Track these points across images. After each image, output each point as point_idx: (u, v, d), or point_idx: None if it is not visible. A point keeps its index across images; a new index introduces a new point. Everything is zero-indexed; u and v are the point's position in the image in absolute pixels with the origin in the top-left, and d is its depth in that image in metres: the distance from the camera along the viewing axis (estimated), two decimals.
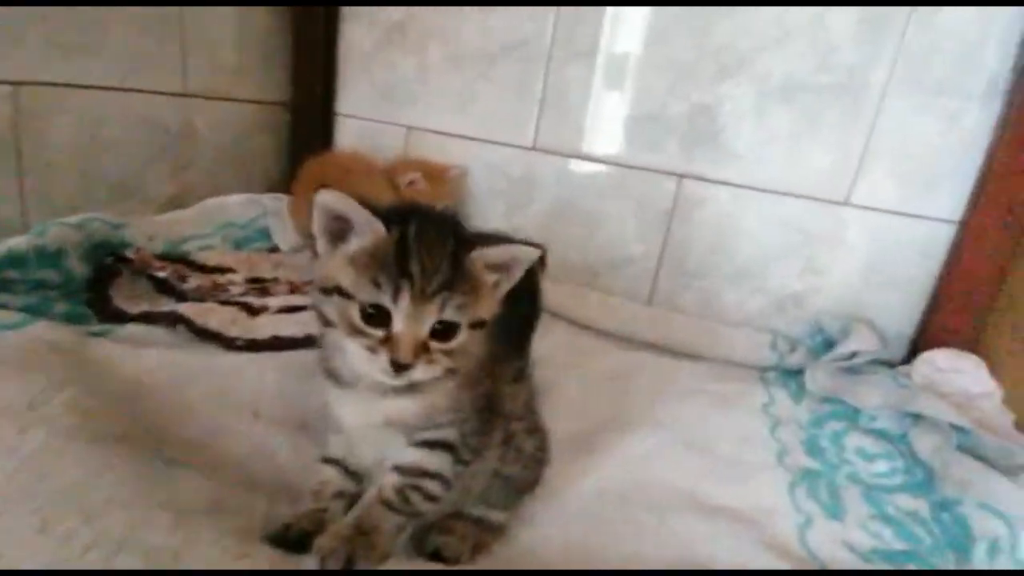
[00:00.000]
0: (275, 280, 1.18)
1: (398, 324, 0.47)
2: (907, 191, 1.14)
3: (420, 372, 0.47)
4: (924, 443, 0.88)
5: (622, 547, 0.65)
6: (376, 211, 0.48)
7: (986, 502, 0.75)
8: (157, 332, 0.93)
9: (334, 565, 0.47)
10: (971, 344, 1.08)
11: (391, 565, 0.51)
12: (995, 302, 1.06)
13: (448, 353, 0.48)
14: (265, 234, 1.34)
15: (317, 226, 0.49)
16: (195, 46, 1.24)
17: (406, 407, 0.51)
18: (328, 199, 0.48)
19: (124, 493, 0.49)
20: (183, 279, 1.04)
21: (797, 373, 1.14)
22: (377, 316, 0.47)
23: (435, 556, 0.56)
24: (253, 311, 1.03)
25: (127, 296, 1.00)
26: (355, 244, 0.48)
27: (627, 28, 1.26)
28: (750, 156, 1.22)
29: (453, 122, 1.40)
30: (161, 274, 1.02)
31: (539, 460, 0.64)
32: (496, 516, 0.61)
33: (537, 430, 0.63)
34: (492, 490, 0.60)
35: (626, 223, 1.34)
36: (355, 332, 0.47)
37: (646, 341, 1.22)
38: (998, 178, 1.05)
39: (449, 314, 0.47)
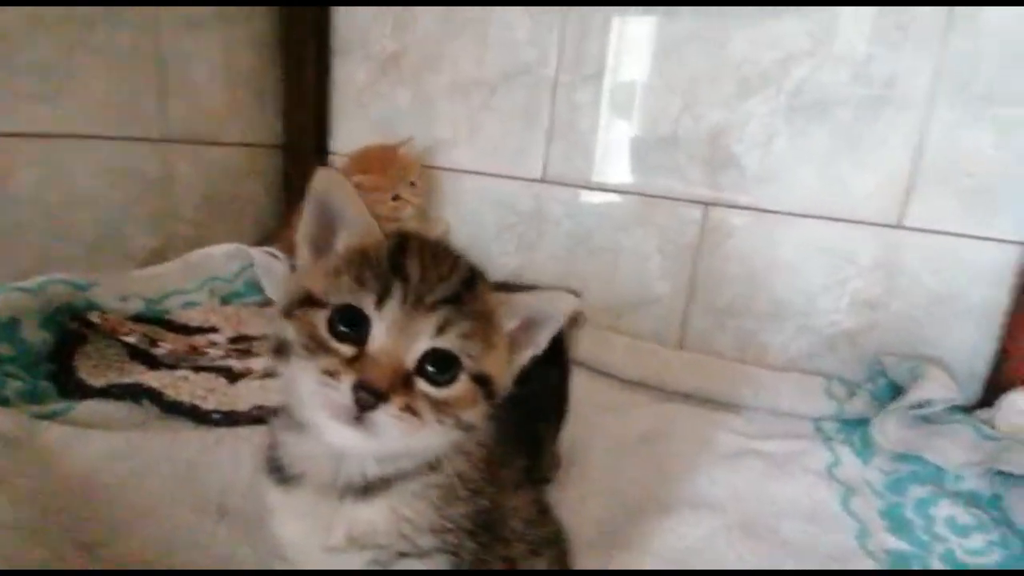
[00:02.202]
0: (264, 337, 1.06)
1: (378, 338, 0.34)
2: (966, 210, 1.00)
3: (393, 419, 0.33)
4: (1020, 511, 0.72)
5: None
6: None
7: None
8: (121, 409, 0.81)
9: None
10: None
11: None
12: None
13: (438, 407, 0.35)
14: (255, 287, 1.23)
15: (303, 229, 0.38)
16: (176, 88, 1.15)
17: (371, 519, 0.37)
18: (324, 181, 0.37)
19: None
20: (155, 343, 0.92)
21: (858, 424, 0.99)
22: (350, 329, 0.34)
23: None
24: (233, 376, 0.91)
25: (93, 366, 0.88)
26: (342, 244, 0.38)
27: (635, 45, 1.16)
28: (782, 179, 1.10)
29: (455, 156, 1.29)
30: (130, 339, 0.91)
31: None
32: None
33: (546, 545, 0.48)
34: None
35: (648, 258, 1.22)
36: (314, 350, 0.34)
37: (679, 391, 1.08)
38: None
39: (450, 341, 0.35)
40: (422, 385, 0.35)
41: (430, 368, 0.35)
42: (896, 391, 0.99)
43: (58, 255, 1.01)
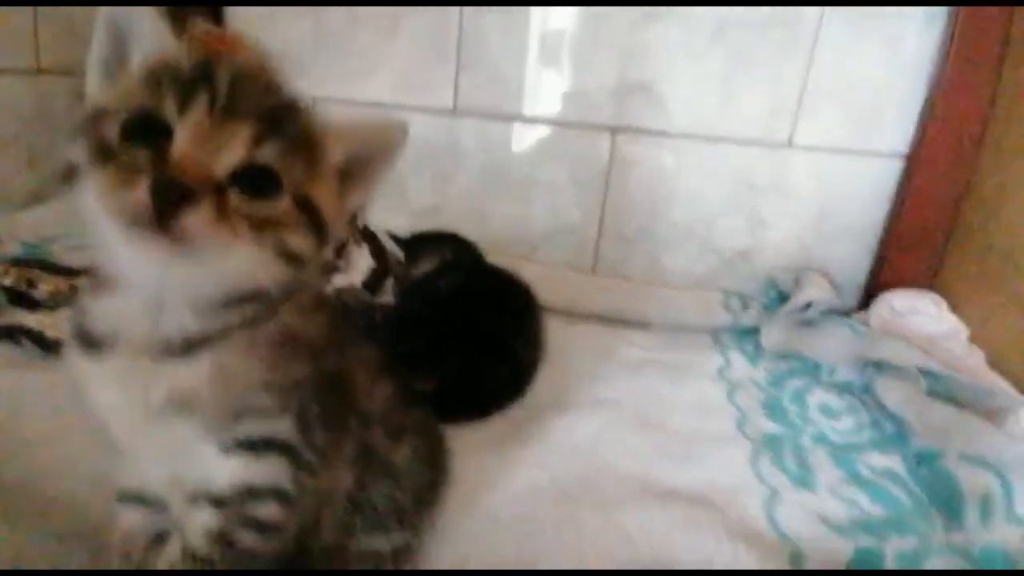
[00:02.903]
0: None
1: (181, 141, 0.30)
2: (852, 127, 1.06)
3: (203, 225, 0.29)
4: (892, 393, 0.80)
5: (560, 556, 0.54)
6: None
7: (970, 452, 0.67)
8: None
9: None
10: (928, 284, 1.02)
11: None
12: (951, 236, 1.00)
13: (259, 223, 0.32)
14: None
15: (93, 51, 0.34)
16: (47, 16, 1.05)
17: (195, 374, 0.34)
18: (115, 10, 0.34)
19: None
20: (32, 285, 0.87)
21: (751, 332, 1.06)
22: (147, 133, 0.31)
23: None
24: None
25: None
26: (137, 60, 0.34)
27: None
28: (685, 103, 1.13)
29: (360, 88, 1.25)
30: (5, 280, 0.85)
31: (424, 467, 0.49)
32: (381, 543, 0.46)
33: (406, 431, 0.48)
34: (357, 519, 0.45)
35: (561, 189, 1.23)
36: (105, 158, 0.30)
37: (592, 313, 1.11)
38: (945, 102, 0.98)
39: (267, 155, 0.32)
40: (236, 197, 0.31)
41: (246, 179, 0.31)
42: (785, 301, 1.06)
43: None
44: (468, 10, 1.17)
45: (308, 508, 0.41)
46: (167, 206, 0.29)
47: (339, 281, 1.04)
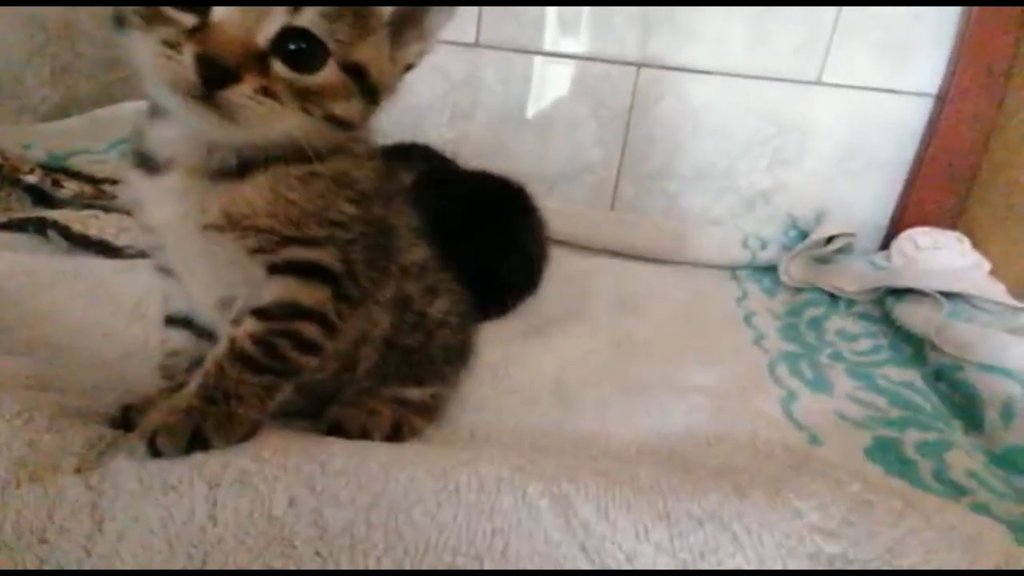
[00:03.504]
0: None
1: (221, 9, 0.31)
2: (882, 64, 1.04)
3: (248, 101, 0.31)
4: (913, 316, 0.80)
5: (582, 423, 0.54)
6: None
7: (991, 363, 0.67)
8: (25, 240, 0.78)
9: (170, 445, 0.33)
10: (951, 223, 1.01)
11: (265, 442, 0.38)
12: (977, 174, 0.99)
13: (304, 94, 0.33)
14: None
15: None
16: None
17: (250, 198, 0.35)
18: None
19: None
20: (58, 184, 0.88)
21: (770, 270, 1.06)
22: None
23: (335, 431, 0.43)
24: None
25: None
26: None
27: None
28: (712, 40, 1.11)
29: None
30: (31, 178, 0.86)
31: (455, 326, 0.51)
32: (414, 394, 0.48)
33: (441, 291, 0.49)
34: (392, 364, 0.46)
35: (582, 126, 1.22)
36: (151, 19, 0.31)
37: (608, 248, 1.11)
38: (975, 42, 0.96)
39: (310, 18, 0.32)
40: (280, 68, 0.32)
41: (291, 49, 0.32)
42: (805, 240, 1.06)
43: None
44: None
45: (347, 342, 0.42)
46: (212, 83, 0.30)
47: None
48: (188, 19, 0.31)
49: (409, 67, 0.40)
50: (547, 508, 0.30)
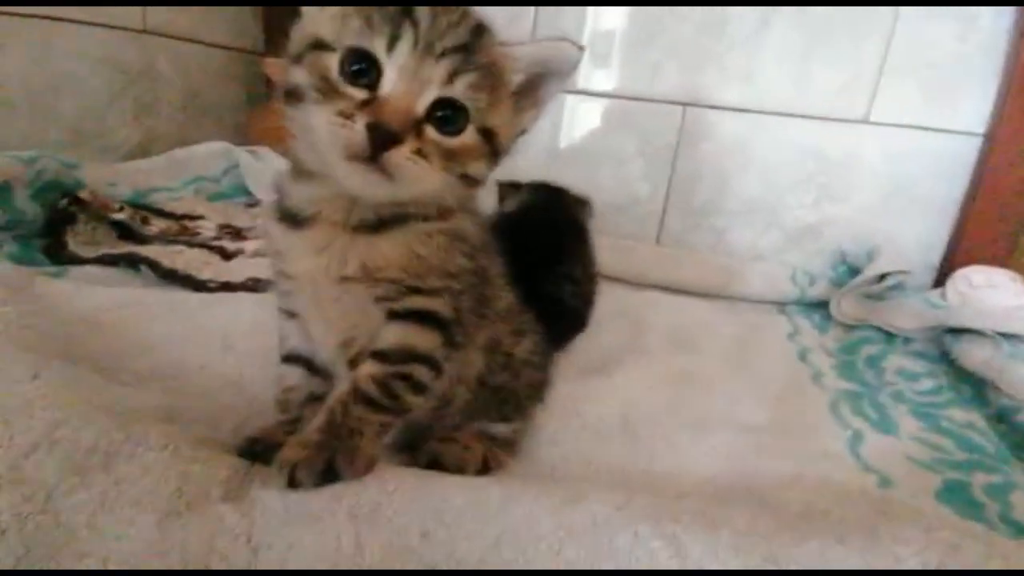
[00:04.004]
0: (251, 229, 1.08)
1: (389, 82, 0.36)
2: (929, 104, 1.06)
3: (406, 162, 0.35)
4: (972, 356, 0.80)
5: (656, 464, 0.56)
6: None
7: None
8: (117, 274, 0.83)
9: (307, 478, 0.37)
10: (1004, 261, 1.00)
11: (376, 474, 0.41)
12: None
13: (448, 155, 0.37)
14: (242, 189, 1.24)
15: None
16: None
17: (386, 253, 0.40)
18: None
19: (50, 394, 0.40)
20: (146, 222, 0.94)
21: (819, 306, 1.06)
22: (362, 72, 0.36)
23: (432, 465, 0.47)
24: (227, 255, 0.94)
25: (84, 242, 0.90)
26: None
27: None
28: (758, 79, 1.14)
29: None
30: (120, 216, 0.92)
31: (537, 364, 0.54)
32: (499, 429, 0.52)
33: (526, 332, 0.53)
34: (482, 402, 0.50)
35: (629, 161, 1.26)
36: (327, 93, 0.36)
37: (656, 283, 1.13)
38: (1020, 82, 0.97)
39: (459, 90, 0.36)
40: (431, 132, 0.37)
41: (439, 115, 0.37)
42: (855, 276, 1.06)
43: (43, 139, 1.01)
44: None
45: (447, 381, 0.45)
46: (378, 146, 0.35)
47: None
48: (361, 94, 0.36)
49: (524, 131, 0.43)
50: (661, 549, 0.32)
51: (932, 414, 0.72)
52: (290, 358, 0.48)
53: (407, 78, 0.36)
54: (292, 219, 0.41)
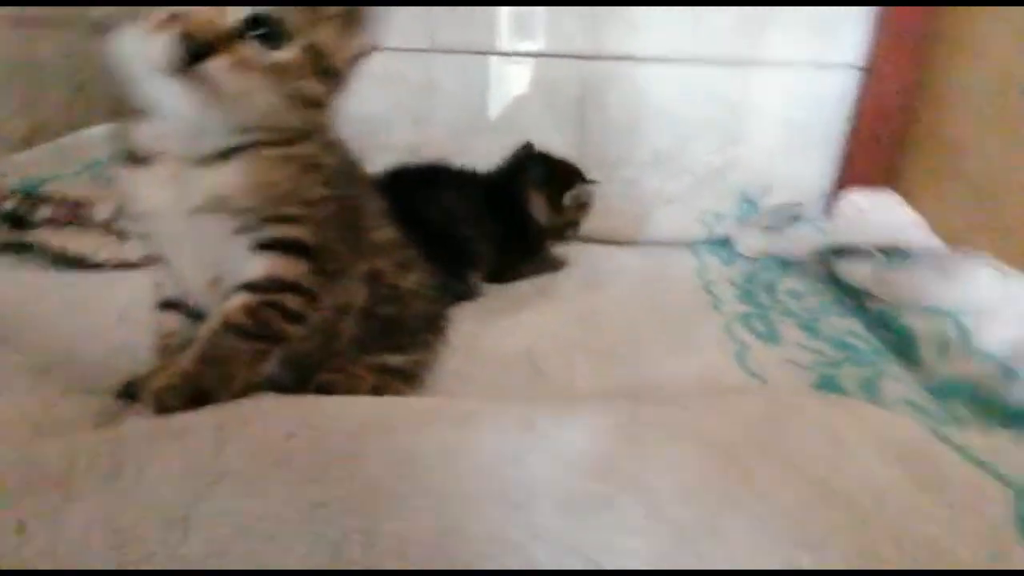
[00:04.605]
0: None
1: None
2: (813, 40, 1.11)
3: (223, 72, 0.36)
4: (855, 272, 0.86)
5: (553, 386, 0.59)
6: None
7: (927, 305, 0.73)
8: (5, 262, 0.80)
9: (174, 400, 0.38)
10: (888, 184, 1.08)
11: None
12: (907, 136, 1.06)
13: (273, 72, 0.38)
14: None
15: None
16: None
17: (232, 180, 0.40)
18: None
19: None
20: (35, 207, 0.90)
21: (728, 243, 1.12)
22: None
23: (322, 393, 0.47)
24: (124, 235, 0.91)
25: None
26: None
27: None
28: (654, 27, 1.17)
29: None
30: (7, 204, 0.88)
31: (426, 297, 0.56)
32: (394, 360, 0.53)
33: (412, 266, 0.55)
34: (371, 334, 0.51)
35: (539, 119, 1.27)
36: (135, 18, 0.36)
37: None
38: (893, 14, 1.04)
39: (269, 8, 0.37)
40: (249, 47, 0.37)
41: (258, 32, 0.37)
42: (756, 212, 1.12)
43: None
44: None
45: (328, 313, 0.46)
46: (189, 56, 0.35)
47: None
48: (166, 12, 0.36)
49: (359, 57, 0.44)
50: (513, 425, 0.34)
51: (814, 325, 0.78)
52: (166, 304, 0.48)
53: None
54: (137, 159, 0.41)
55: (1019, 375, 0.58)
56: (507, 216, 0.97)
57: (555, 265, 0.99)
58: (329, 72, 0.41)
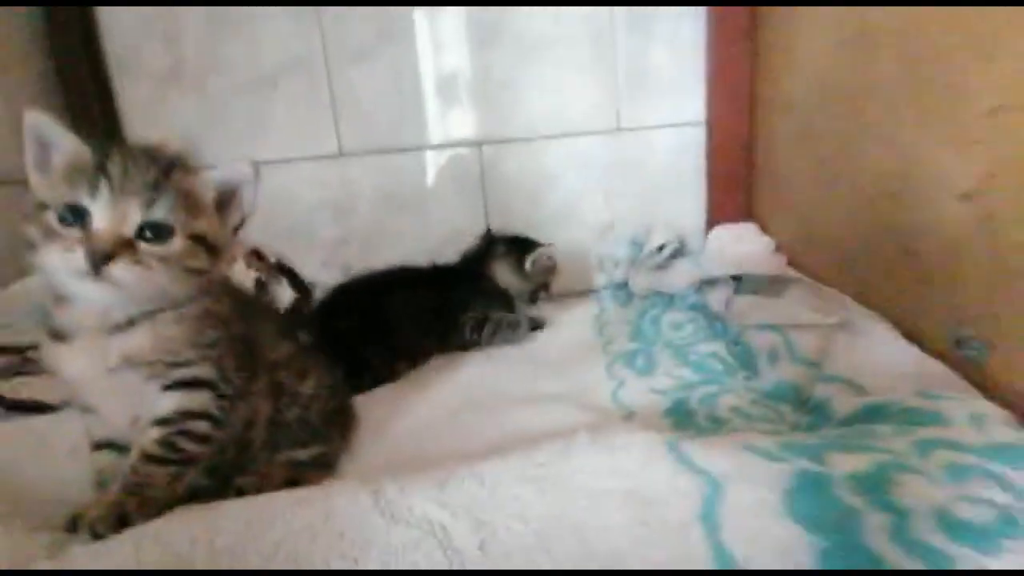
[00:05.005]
0: None
1: (96, 219, 0.47)
2: (662, 104, 1.30)
3: (124, 270, 0.47)
4: (714, 298, 1.01)
5: (452, 449, 0.70)
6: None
7: (761, 322, 0.88)
8: None
9: (102, 527, 0.47)
10: (746, 216, 1.25)
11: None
12: (753, 176, 1.24)
13: (165, 261, 0.49)
14: None
15: (28, 157, 0.51)
16: None
17: (138, 342, 0.51)
18: (33, 116, 0.50)
19: None
20: None
21: (624, 285, 1.26)
22: (75, 217, 0.47)
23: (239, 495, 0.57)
24: None
25: None
26: (57, 161, 0.50)
27: (395, 25, 1.35)
28: (533, 110, 1.34)
29: (253, 150, 1.42)
30: None
31: (326, 396, 0.67)
32: (301, 454, 0.63)
33: (309, 371, 0.66)
34: (281, 436, 0.62)
35: (449, 198, 1.42)
36: (51, 236, 0.47)
37: None
38: (719, 77, 1.23)
39: (159, 214, 0.49)
40: (143, 246, 0.49)
41: (148, 234, 0.49)
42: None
43: None
44: (334, 65, 1.37)
45: (236, 428, 0.57)
46: (97, 265, 0.47)
47: None
48: (76, 233, 0.48)
49: (238, 228, 0.56)
50: (367, 498, 0.45)
51: (684, 351, 0.91)
52: (99, 445, 0.58)
53: (108, 214, 0.48)
54: (58, 335, 0.52)
55: (823, 376, 0.72)
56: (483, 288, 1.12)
57: (538, 325, 1.12)
58: (211, 248, 0.53)
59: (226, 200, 0.55)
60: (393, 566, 0.39)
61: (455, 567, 0.39)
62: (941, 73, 0.67)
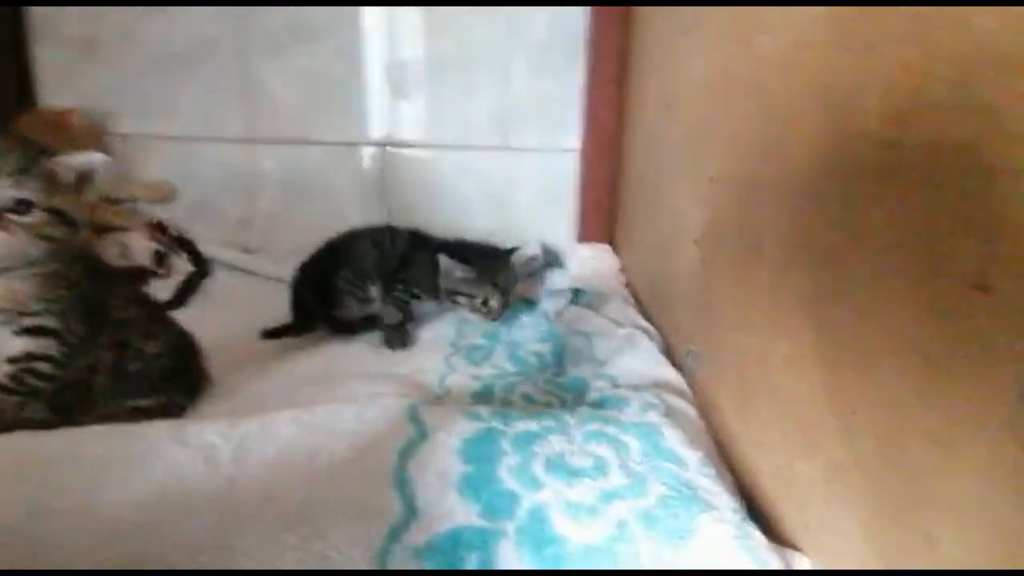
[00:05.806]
0: None
1: None
2: (544, 128, 1.46)
3: None
4: (551, 306, 1.17)
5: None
6: None
7: (577, 328, 1.04)
8: None
9: None
10: (608, 238, 1.43)
11: None
12: (614, 204, 1.42)
13: (28, 228, 0.61)
14: None
15: None
16: None
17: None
18: None
19: None
20: None
21: None
22: None
23: None
24: None
25: None
26: None
27: (311, 22, 1.45)
28: (438, 120, 1.48)
29: (163, 125, 1.49)
30: None
31: (172, 356, 0.79)
32: (143, 402, 0.75)
33: (158, 335, 0.78)
34: (125, 384, 0.73)
35: (351, 195, 1.54)
36: None
37: None
38: (592, 111, 1.40)
39: (24, 192, 0.61)
40: (9, 216, 0.61)
41: (16, 207, 0.61)
42: None
43: None
44: (249, 54, 1.46)
45: (80, 372, 0.68)
46: None
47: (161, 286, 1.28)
48: None
49: (94, 208, 0.67)
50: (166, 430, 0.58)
51: (516, 348, 1.07)
52: None
53: None
54: None
55: (602, 375, 0.89)
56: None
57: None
58: (67, 220, 0.64)
59: (81, 178, 0.66)
60: (171, 474, 0.52)
61: (211, 475, 0.52)
62: (689, 149, 0.86)
